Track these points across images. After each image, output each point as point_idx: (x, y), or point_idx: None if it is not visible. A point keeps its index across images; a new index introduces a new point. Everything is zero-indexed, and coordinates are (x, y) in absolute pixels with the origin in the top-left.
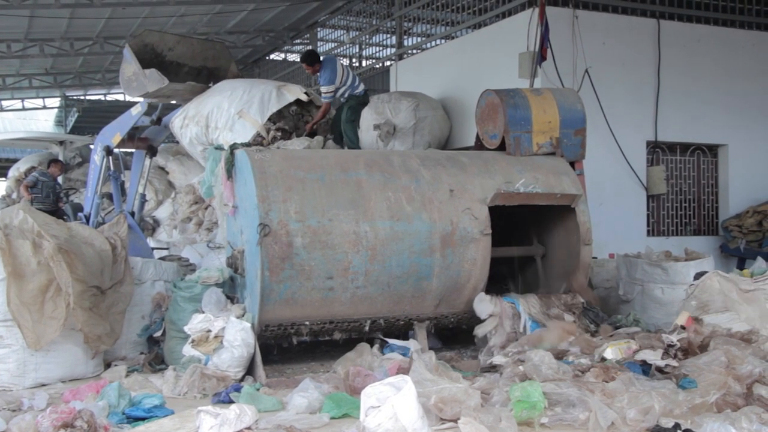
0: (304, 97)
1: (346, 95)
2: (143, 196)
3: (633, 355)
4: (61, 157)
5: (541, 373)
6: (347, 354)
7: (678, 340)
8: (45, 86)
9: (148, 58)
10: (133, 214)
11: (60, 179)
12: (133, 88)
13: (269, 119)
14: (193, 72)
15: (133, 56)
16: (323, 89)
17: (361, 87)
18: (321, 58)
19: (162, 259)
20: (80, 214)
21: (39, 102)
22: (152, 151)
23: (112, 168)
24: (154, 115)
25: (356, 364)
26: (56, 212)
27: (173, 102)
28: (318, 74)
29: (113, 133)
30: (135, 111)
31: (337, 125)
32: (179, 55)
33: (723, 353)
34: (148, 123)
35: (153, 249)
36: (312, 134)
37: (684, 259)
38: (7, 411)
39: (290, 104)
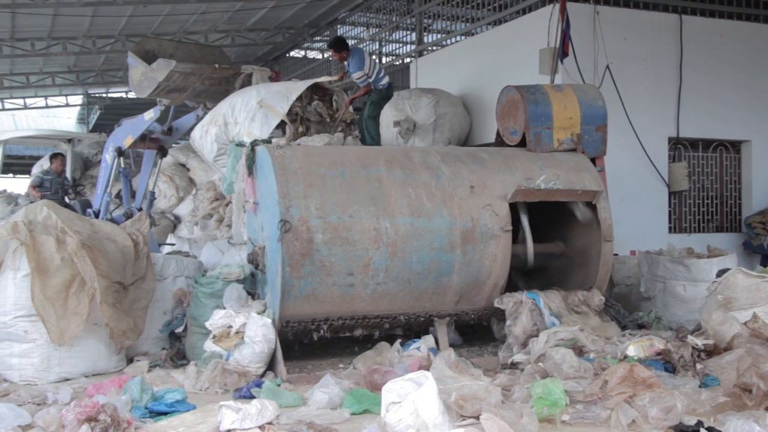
0: (325, 78)
1: (371, 82)
2: (153, 194)
3: (655, 353)
4: (69, 155)
5: (562, 371)
6: (367, 351)
7: (703, 344)
8: (68, 84)
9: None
10: (141, 210)
11: (68, 174)
12: (145, 87)
13: (292, 111)
14: (197, 67)
15: (137, 59)
16: (355, 76)
17: (385, 80)
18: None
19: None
20: (89, 210)
21: (62, 100)
22: (163, 152)
23: (122, 165)
24: (165, 126)
25: (376, 362)
26: (65, 207)
27: (186, 102)
28: (345, 62)
29: (125, 135)
30: (148, 116)
31: (360, 122)
32: (180, 62)
33: (746, 351)
34: (159, 131)
35: (160, 245)
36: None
37: (706, 256)
38: (32, 405)
39: (311, 100)
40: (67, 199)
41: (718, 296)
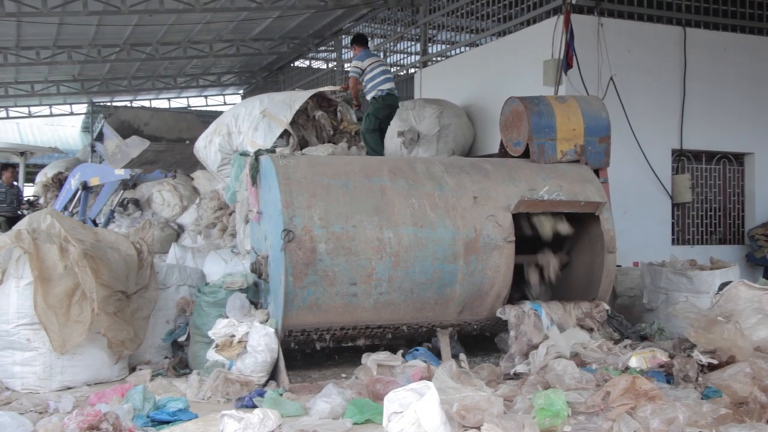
0: (329, 88)
1: (370, 92)
2: (112, 212)
3: (657, 365)
4: (21, 167)
5: (563, 382)
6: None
7: (707, 362)
8: (72, 93)
9: (127, 134)
10: (94, 222)
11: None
12: (118, 160)
13: (295, 122)
14: (170, 144)
15: (113, 132)
16: (352, 63)
17: (384, 86)
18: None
19: None
20: None
21: (66, 108)
22: (124, 186)
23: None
24: (131, 182)
25: (378, 371)
26: (18, 218)
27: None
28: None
29: (94, 174)
30: (118, 173)
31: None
32: (155, 129)
33: (748, 365)
34: (121, 183)
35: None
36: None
37: (709, 268)
38: (34, 413)
39: (315, 110)
40: (21, 209)
41: (719, 309)
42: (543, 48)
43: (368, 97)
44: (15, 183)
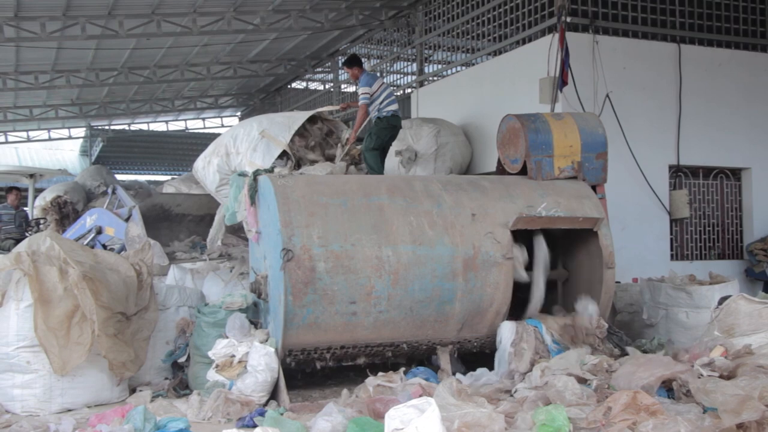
0: (327, 108)
1: (374, 113)
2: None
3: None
4: (30, 189)
5: (564, 398)
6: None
7: (708, 375)
8: (71, 116)
9: (156, 214)
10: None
11: (29, 208)
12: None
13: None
14: (196, 219)
15: (140, 219)
16: (360, 90)
17: (390, 108)
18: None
19: None
20: None
21: (65, 132)
22: None
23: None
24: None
25: (378, 390)
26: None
27: None
28: (357, 80)
29: (110, 225)
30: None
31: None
32: (186, 208)
33: (750, 380)
34: None
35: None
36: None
37: (708, 283)
38: None
39: (314, 123)
40: (28, 231)
41: (719, 323)
42: (539, 66)
43: (373, 118)
44: (24, 208)
